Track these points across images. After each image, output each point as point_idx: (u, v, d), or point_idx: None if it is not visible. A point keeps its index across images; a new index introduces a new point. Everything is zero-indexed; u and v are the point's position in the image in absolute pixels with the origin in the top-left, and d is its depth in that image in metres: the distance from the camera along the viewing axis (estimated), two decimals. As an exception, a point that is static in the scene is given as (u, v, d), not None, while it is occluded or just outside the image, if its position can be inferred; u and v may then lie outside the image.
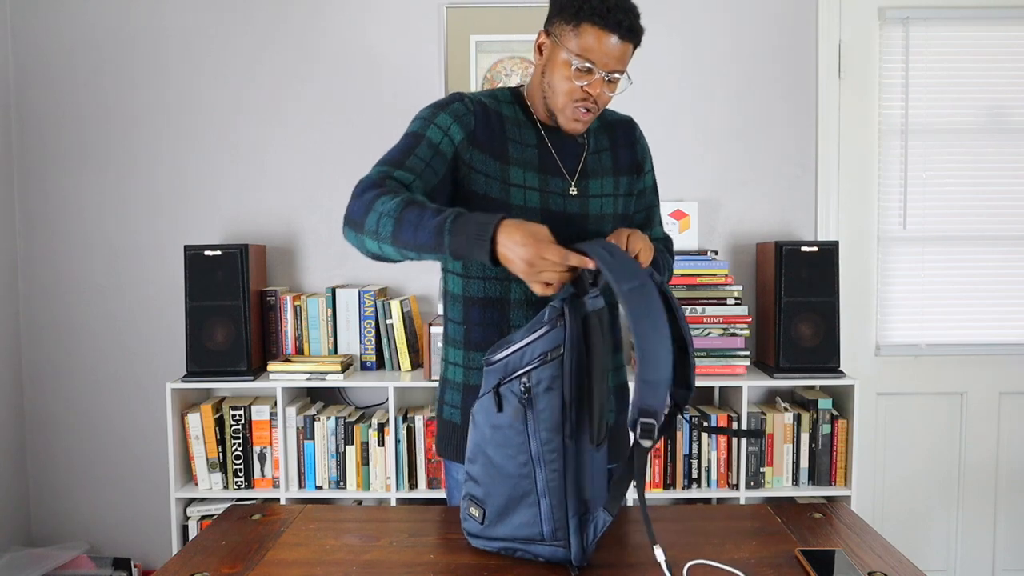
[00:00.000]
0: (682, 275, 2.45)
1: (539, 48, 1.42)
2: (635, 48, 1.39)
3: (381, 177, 1.31)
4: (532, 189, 1.45)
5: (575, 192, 1.47)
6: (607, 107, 1.54)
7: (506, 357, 1.18)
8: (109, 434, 2.74)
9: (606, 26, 1.32)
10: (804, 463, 2.45)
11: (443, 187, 1.40)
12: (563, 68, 1.37)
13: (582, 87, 1.37)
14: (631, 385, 1.99)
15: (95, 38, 2.68)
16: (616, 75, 1.38)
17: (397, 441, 2.42)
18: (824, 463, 2.45)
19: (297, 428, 2.44)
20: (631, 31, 1.34)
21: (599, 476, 1.20)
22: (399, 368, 2.55)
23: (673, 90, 2.68)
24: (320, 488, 2.44)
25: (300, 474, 2.44)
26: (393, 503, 2.42)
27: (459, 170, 1.41)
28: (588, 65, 1.35)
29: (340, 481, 2.45)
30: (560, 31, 1.37)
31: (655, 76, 2.68)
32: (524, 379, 1.16)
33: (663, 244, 1.66)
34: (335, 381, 2.41)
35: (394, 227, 1.22)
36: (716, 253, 2.55)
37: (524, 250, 1.13)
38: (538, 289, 1.16)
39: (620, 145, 1.56)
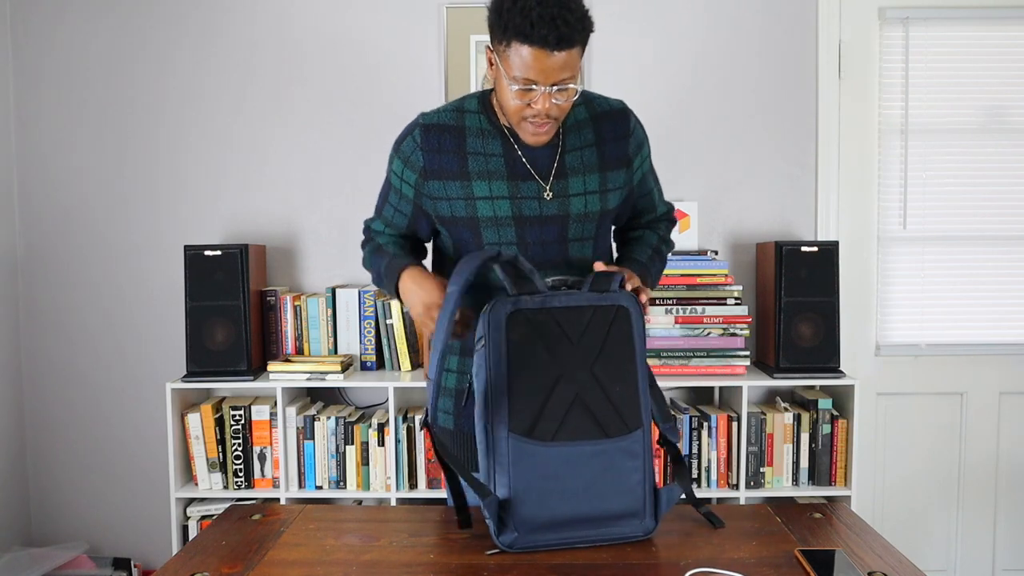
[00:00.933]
0: (682, 275, 2.45)
1: (489, 63, 1.38)
2: (582, 49, 1.31)
3: (367, 226, 1.62)
4: (501, 198, 1.42)
5: (550, 195, 1.43)
6: (598, 95, 1.51)
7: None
8: (109, 434, 2.74)
9: (533, 43, 1.26)
10: (804, 463, 2.45)
11: (419, 219, 1.53)
12: (507, 88, 1.33)
13: (528, 104, 1.32)
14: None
15: (95, 38, 2.68)
16: (565, 84, 1.31)
17: (397, 441, 2.42)
18: (824, 463, 2.45)
19: (297, 428, 2.44)
20: (562, 41, 1.26)
21: (544, 470, 1.20)
22: (399, 368, 2.55)
23: (672, 90, 2.68)
24: (320, 488, 2.44)
25: (300, 474, 2.44)
26: (393, 503, 2.42)
27: (425, 204, 1.48)
28: (529, 86, 1.30)
29: (340, 481, 2.45)
30: (498, 51, 1.33)
31: (654, 76, 2.68)
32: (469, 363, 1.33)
33: (665, 224, 1.64)
34: (335, 381, 2.41)
35: (370, 272, 1.59)
36: (716, 253, 2.55)
37: (412, 310, 1.43)
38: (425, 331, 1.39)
39: (608, 139, 1.48)
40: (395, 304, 2.53)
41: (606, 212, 1.50)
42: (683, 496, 1.32)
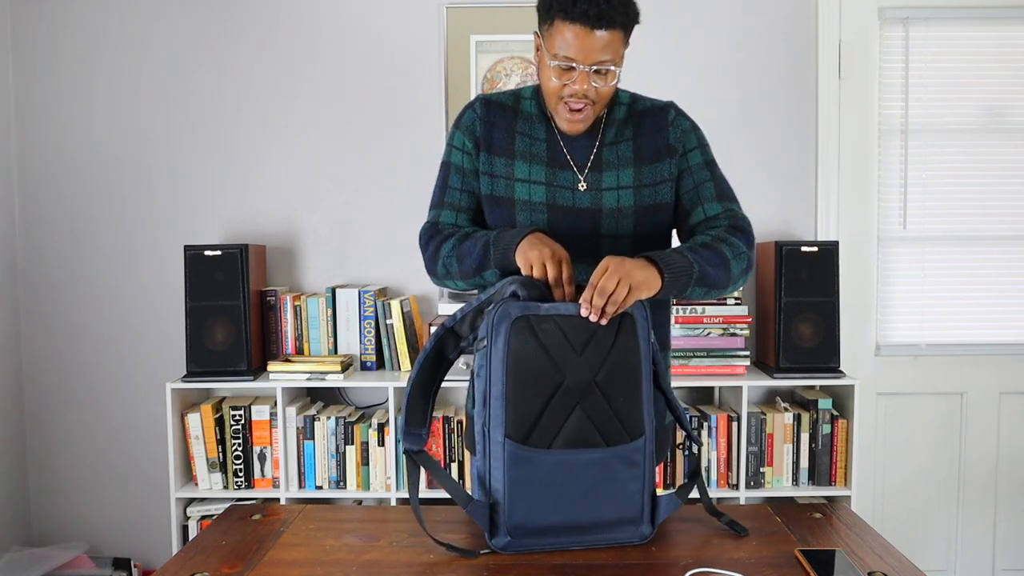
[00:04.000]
0: (682, 275, 2.45)
1: (537, 50, 1.43)
2: (626, 33, 1.33)
3: (433, 226, 1.51)
4: (538, 183, 1.45)
5: (584, 187, 1.45)
6: (646, 96, 1.52)
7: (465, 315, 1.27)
8: (109, 434, 2.74)
9: (574, 19, 1.29)
10: (804, 463, 2.45)
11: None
12: (548, 69, 1.36)
13: (566, 84, 1.35)
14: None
15: (95, 38, 2.68)
16: (604, 67, 1.33)
17: (397, 441, 2.42)
18: (824, 463, 2.45)
19: (297, 428, 2.44)
20: (602, 19, 1.29)
21: (540, 476, 1.18)
22: (399, 368, 2.55)
23: (672, 90, 2.68)
24: (320, 488, 2.44)
25: (300, 474, 2.44)
26: (393, 503, 2.42)
27: (479, 176, 1.49)
28: (569, 63, 1.33)
29: (340, 481, 2.45)
30: (543, 33, 1.37)
31: (654, 76, 2.68)
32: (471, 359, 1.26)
33: (724, 229, 1.44)
34: (335, 381, 2.41)
35: (457, 263, 1.43)
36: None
37: (533, 250, 1.28)
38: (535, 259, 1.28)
39: (645, 133, 1.47)
40: (395, 304, 2.53)
41: (642, 208, 1.47)
42: (687, 498, 1.32)
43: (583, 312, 1.19)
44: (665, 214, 1.49)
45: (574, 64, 1.33)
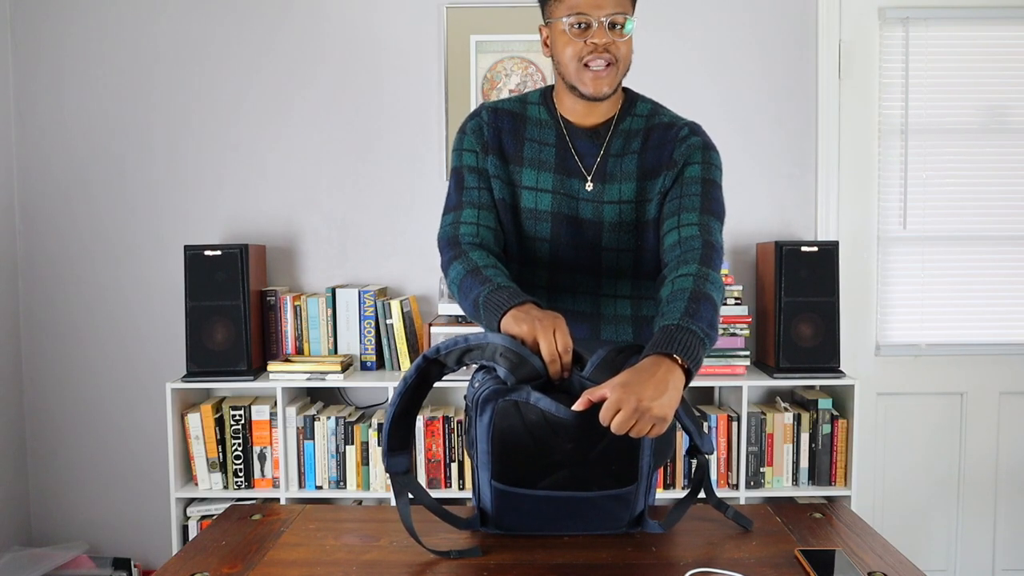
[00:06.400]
0: (682, 275, 2.45)
1: (545, 43, 1.42)
2: None
3: (453, 232, 1.43)
4: (544, 191, 1.43)
5: (590, 187, 1.43)
6: (668, 109, 1.48)
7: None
8: (109, 434, 2.74)
9: None
10: (804, 463, 2.45)
11: None
12: (563, 36, 1.36)
13: (585, 42, 1.34)
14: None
15: (96, 38, 2.68)
16: (619, 19, 1.34)
17: (397, 441, 2.41)
18: (824, 463, 2.45)
19: (297, 428, 2.44)
20: None
21: (528, 508, 1.21)
22: (399, 368, 2.55)
23: (672, 90, 2.68)
24: (320, 488, 2.44)
25: (300, 474, 2.44)
26: (393, 503, 2.42)
27: (490, 179, 1.47)
28: (583, 20, 1.33)
29: (340, 481, 2.45)
30: (551, 9, 1.38)
31: (654, 76, 2.68)
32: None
33: (698, 254, 1.32)
34: (335, 381, 2.41)
35: (458, 294, 1.37)
36: (716, 253, 2.54)
37: (526, 327, 1.20)
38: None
39: (651, 147, 1.43)
40: (395, 304, 2.53)
41: (643, 223, 1.44)
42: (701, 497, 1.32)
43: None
44: (656, 228, 1.44)
45: (589, 19, 1.33)
